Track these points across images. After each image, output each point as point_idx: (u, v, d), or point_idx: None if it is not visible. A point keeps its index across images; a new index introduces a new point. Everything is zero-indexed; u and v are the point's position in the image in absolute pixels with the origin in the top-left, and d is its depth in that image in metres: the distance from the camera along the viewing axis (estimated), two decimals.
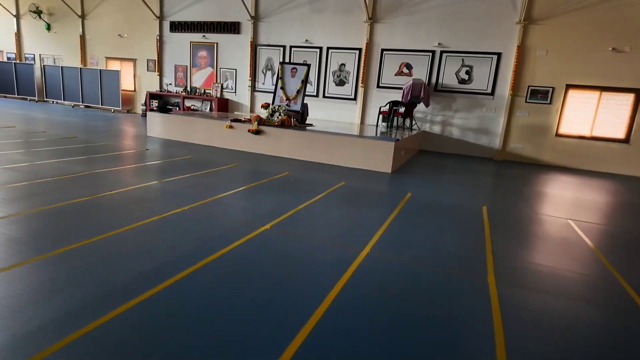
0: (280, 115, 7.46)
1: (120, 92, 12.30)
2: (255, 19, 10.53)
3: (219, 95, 11.35)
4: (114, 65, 12.94)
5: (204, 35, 11.28)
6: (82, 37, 13.23)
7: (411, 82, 8.68)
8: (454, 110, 9.06)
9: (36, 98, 13.86)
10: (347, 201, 4.31)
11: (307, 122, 8.26)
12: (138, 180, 4.43)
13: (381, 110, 9.12)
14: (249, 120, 7.35)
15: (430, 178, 5.99)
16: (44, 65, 13.51)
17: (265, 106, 7.72)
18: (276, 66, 10.58)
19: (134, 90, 12.82)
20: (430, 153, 9.00)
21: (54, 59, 14.02)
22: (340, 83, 9.93)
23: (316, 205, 4.06)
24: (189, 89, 11.81)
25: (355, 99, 9.85)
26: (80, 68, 12.84)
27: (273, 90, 8.11)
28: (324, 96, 10.15)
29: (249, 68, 10.78)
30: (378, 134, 7.42)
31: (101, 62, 13.19)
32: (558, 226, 4.06)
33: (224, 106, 11.30)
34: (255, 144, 6.93)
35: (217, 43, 11.20)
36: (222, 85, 11.36)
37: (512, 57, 8.40)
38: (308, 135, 6.56)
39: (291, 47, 10.29)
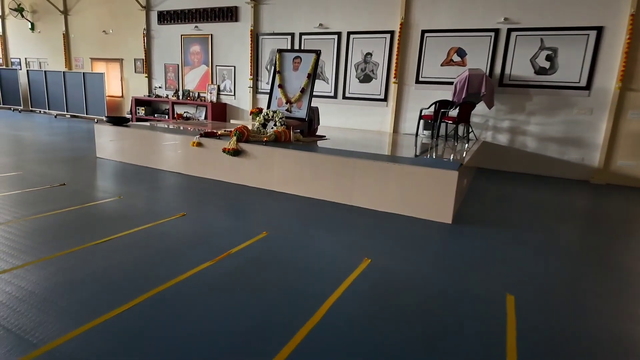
0: (275, 125, 5.09)
1: (105, 99, 10.39)
2: (256, 1, 8.26)
3: (215, 99, 9.15)
4: (99, 67, 11.08)
5: (196, 26, 9.13)
6: (66, 36, 11.47)
7: (466, 74, 6.09)
8: (528, 112, 6.37)
9: (21, 107, 12.24)
10: (378, 339, 1.87)
11: (317, 133, 5.84)
12: None
13: (422, 114, 6.57)
14: (229, 134, 5.03)
15: (524, 234, 3.42)
16: (27, 71, 11.87)
17: (256, 112, 5.37)
18: None
19: (121, 96, 10.89)
20: (493, 173, 6.35)
21: (39, 62, 12.37)
22: (366, 79, 7.46)
23: None
24: (180, 92, 9.70)
25: (385, 99, 7.35)
26: (64, 72, 11.06)
27: (269, 90, 5.75)
28: (344, 97, 7.71)
29: (249, 64, 8.52)
30: (422, 151, 4.88)
31: (86, 64, 11.36)
32: None
33: (221, 112, 9.10)
34: (234, 171, 4.59)
35: (211, 35, 9.02)
36: (218, 87, 9.16)
37: (621, 32, 5.64)
38: (311, 158, 4.13)
39: (301, 34, 7.93)
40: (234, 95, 9.00)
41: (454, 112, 6.23)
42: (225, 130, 5.16)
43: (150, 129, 5.43)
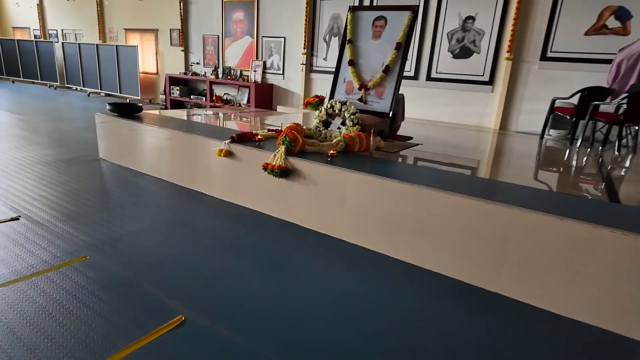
0: (345, 124, 3.29)
1: (138, 76, 9.09)
2: None
3: (259, 79, 7.47)
4: (133, 39, 9.77)
5: None
6: (100, 4, 10.23)
7: (638, 48, 3.89)
8: None
9: (57, 83, 11.35)
10: None
11: (399, 133, 3.98)
12: None
13: (555, 106, 4.45)
14: (273, 135, 3.30)
15: None
16: (63, 44, 10.87)
17: (314, 103, 3.59)
18: None
19: (156, 73, 9.53)
20: None
21: (75, 34, 11.33)
22: (463, 53, 5.38)
23: None
24: (220, 70, 8.11)
25: (491, 82, 5.25)
26: (97, 45, 9.88)
27: (334, 70, 3.92)
28: (428, 78, 5.70)
29: (303, 34, 6.69)
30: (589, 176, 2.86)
31: (120, 36, 10.10)
32: None
33: (266, 96, 7.42)
34: (280, 199, 2.86)
35: None
36: (264, 63, 7.45)
37: None
38: (415, 195, 2.29)
39: None
40: (283, 74, 7.25)
41: (612, 105, 4.06)
42: (269, 130, 3.43)
43: (166, 124, 3.83)
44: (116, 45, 9.43)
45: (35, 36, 12.36)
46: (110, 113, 3.96)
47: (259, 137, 3.08)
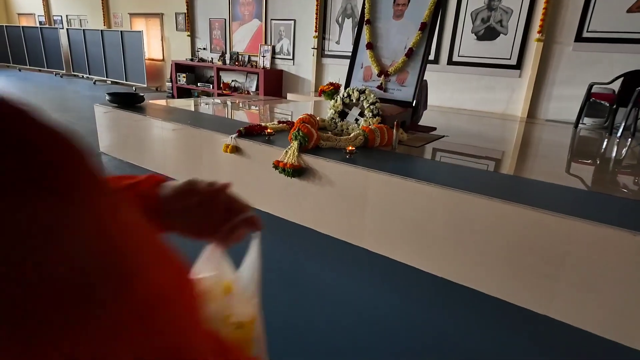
0: (366, 116, 2.97)
1: (144, 63, 8.81)
2: None
3: (268, 64, 7.12)
4: (138, 25, 9.45)
5: None
6: None
7: None
8: None
9: (63, 71, 11.14)
10: None
11: (421, 123, 3.64)
12: None
13: (592, 92, 4.05)
14: (285, 128, 3.01)
15: None
16: (67, 30, 10.61)
17: (328, 92, 3.26)
18: (359, 10, 5.91)
19: (162, 59, 9.24)
20: None
21: (80, 20, 11.06)
22: (489, 34, 4.97)
23: None
24: (228, 55, 7.78)
25: (519, 66, 4.84)
26: (102, 31, 9.59)
27: (350, 54, 3.57)
28: (450, 62, 5.30)
29: (314, 17, 6.30)
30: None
31: (125, 21, 9.80)
32: None
33: (275, 82, 7.08)
34: (293, 201, 2.58)
35: None
36: (273, 48, 7.09)
37: None
38: (451, 199, 1.99)
39: None
40: (293, 59, 6.90)
41: None
42: (279, 122, 3.13)
43: (168, 116, 3.56)
44: (121, 31, 9.13)
45: (40, 22, 12.12)
46: (110, 104, 3.69)
47: (269, 130, 2.79)
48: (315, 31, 6.30)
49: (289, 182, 2.49)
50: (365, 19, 3.34)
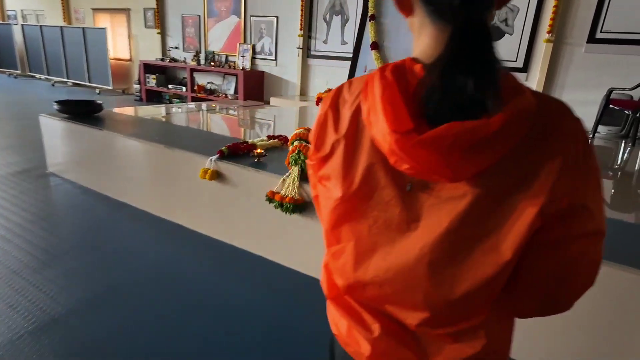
0: None
1: (109, 63, 8.00)
2: None
3: (248, 65, 6.52)
4: (102, 21, 8.62)
5: None
6: None
7: None
8: None
9: (18, 71, 10.11)
10: None
11: None
12: None
13: (611, 97, 3.68)
14: (280, 143, 2.47)
15: None
16: (22, 26, 9.63)
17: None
18: (348, 7, 5.42)
19: (129, 59, 8.45)
20: None
21: (36, 15, 10.07)
22: (493, 34, 4.56)
23: None
24: (202, 55, 7.12)
25: (526, 68, 4.46)
26: (62, 27, 8.71)
27: (352, 54, 3.05)
28: None
29: (300, 13, 5.75)
30: None
31: (87, 17, 8.94)
32: None
33: (256, 85, 6.48)
34: (297, 241, 2.04)
35: None
36: (253, 47, 6.49)
37: None
38: None
39: None
40: (275, 60, 6.32)
41: None
42: (269, 138, 2.56)
43: (132, 130, 2.94)
44: (83, 28, 8.29)
45: None
46: (60, 114, 3.03)
47: (258, 150, 2.22)
48: (301, 29, 5.75)
49: (289, 219, 1.94)
50: (369, 14, 2.82)
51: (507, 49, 4.48)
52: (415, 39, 0.54)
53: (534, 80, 4.38)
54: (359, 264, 0.55)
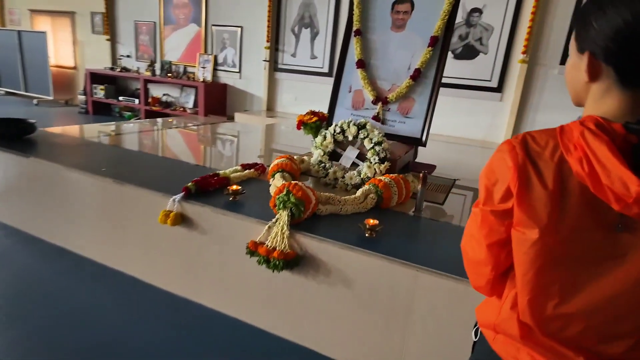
0: (372, 159, 2.13)
1: (49, 70, 7.19)
2: None
3: (209, 77, 6.06)
4: (42, 24, 7.79)
5: None
6: None
7: None
8: None
9: None
10: None
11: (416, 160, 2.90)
12: None
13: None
14: (257, 174, 2.09)
15: None
16: None
17: (312, 124, 2.40)
18: (319, 20, 5.16)
19: (74, 67, 7.66)
20: None
21: None
22: (467, 53, 4.47)
23: None
24: (158, 65, 6.57)
25: (500, 89, 4.40)
26: None
27: (335, 75, 2.74)
28: None
29: (266, 23, 5.40)
30: None
31: (24, 19, 8.05)
32: None
33: (218, 98, 6.03)
34: (286, 301, 1.68)
35: None
36: (215, 58, 6.05)
37: None
38: None
39: None
40: (240, 72, 5.91)
41: None
42: (243, 167, 2.18)
43: (72, 158, 2.44)
44: (19, 31, 7.43)
45: None
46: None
47: (233, 187, 1.84)
48: (267, 41, 5.41)
49: (275, 276, 1.57)
50: (354, 29, 2.54)
51: (482, 69, 4.41)
52: (591, 100, 0.64)
53: (509, 101, 4.33)
54: (565, 300, 0.60)
